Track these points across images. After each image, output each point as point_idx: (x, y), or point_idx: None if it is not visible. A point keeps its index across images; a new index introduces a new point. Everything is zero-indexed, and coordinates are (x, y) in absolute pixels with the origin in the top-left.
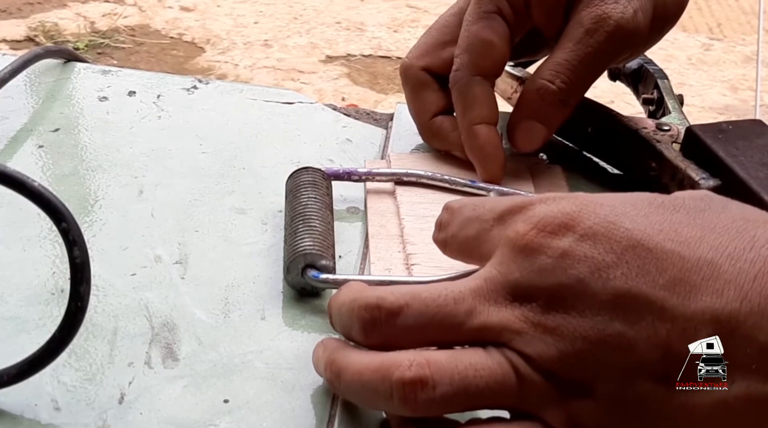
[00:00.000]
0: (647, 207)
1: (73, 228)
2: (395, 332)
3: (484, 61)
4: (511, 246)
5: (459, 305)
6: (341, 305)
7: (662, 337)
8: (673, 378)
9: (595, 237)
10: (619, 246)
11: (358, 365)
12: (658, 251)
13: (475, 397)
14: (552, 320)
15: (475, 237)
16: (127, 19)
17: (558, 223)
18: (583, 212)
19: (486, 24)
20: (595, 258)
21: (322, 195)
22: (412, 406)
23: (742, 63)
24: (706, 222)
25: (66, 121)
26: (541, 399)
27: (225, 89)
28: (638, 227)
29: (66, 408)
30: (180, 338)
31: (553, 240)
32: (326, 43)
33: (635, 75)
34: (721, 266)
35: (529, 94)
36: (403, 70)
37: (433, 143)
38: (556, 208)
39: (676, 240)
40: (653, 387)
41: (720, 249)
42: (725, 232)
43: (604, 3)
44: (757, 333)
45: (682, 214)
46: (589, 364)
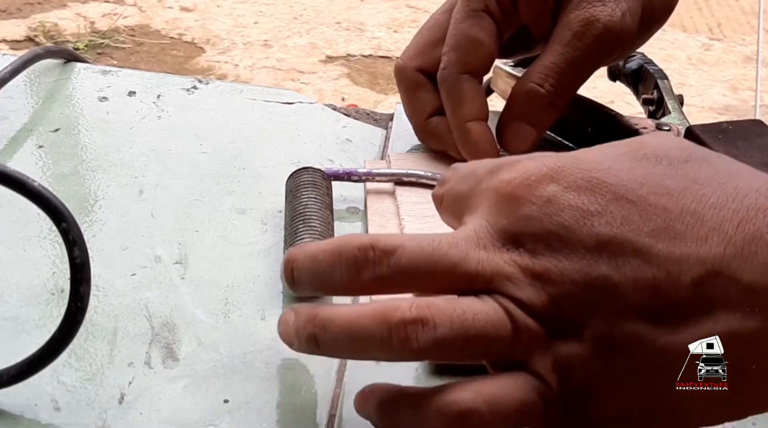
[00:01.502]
0: (630, 161)
1: (73, 228)
2: (388, 272)
3: (471, 59)
4: (497, 194)
5: (452, 249)
6: (318, 252)
7: (648, 280)
8: (660, 319)
9: (579, 189)
10: (603, 199)
11: (350, 313)
12: (641, 203)
13: (472, 342)
14: (540, 264)
15: (468, 191)
16: (127, 19)
17: (543, 174)
18: (566, 166)
19: (473, 22)
20: (580, 207)
21: (322, 195)
22: (413, 347)
23: (742, 63)
24: (688, 174)
25: (66, 121)
26: (531, 345)
27: (225, 89)
28: (621, 182)
29: (66, 408)
30: (180, 338)
31: (537, 189)
32: (326, 43)
33: (635, 75)
34: (705, 215)
35: (518, 96)
36: (397, 71)
37: (430, 144)
38: (542, 162)
39: (660, 192)
40: (640, 327)
41: (703, 200)
42: (708, 184)
43: (592, 5)
44: (741, 273)
45: (664, 166)
46: (577, 306)
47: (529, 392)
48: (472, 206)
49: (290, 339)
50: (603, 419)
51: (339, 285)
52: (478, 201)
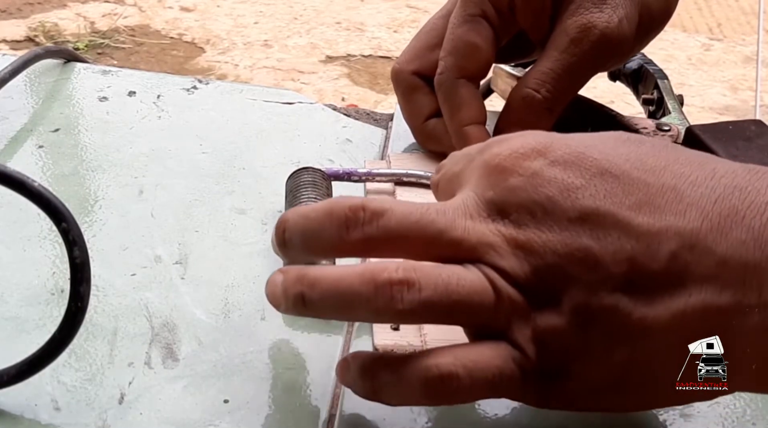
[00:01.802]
0: (614, 141)
1: (73, 228)
2: (377, 233)
3: (468, 64)
4: (486, 166)
5: (440, 216)
6: (310, 211)
7: (627, 252)
8: (637, 291)
9: (565, 163)
10: (587, 173)
11: (338, 272)
12: (624, 177)
13: (455, 307)
14: (523, 234)
15: (461, 170)
16: (127, 19)
17: (530, 148)
18: (554, 143)
19: (470, 27)
20: (565, 180)
21: (322, 195)
22: (397, 307)
23: (742, 63)
24: (670, 155)
25: (66, 121)
26: (512, 315)
27: (225, 89)
28: (606, 157)
29: (66, 409)
30: (180, 338)
31: (524, 162)
32: (326, 44)
33: (635, 75)
34: (684, 191)
35: (515, 102)
36: (393, 74)
37: (428, 146)
38: (531, 138)
39: (642, 168)
40: (617, 299)
41: (683, 178)
42: (687, 163)
43: (589, 12)
44: (716, 247)
45: (647, 147)
46: (557, 276)
47: (507, 360)
48: (463, 182)
49: (277, 301)
50: (578, 389)
51: (328, 244)
52: (469, 176)
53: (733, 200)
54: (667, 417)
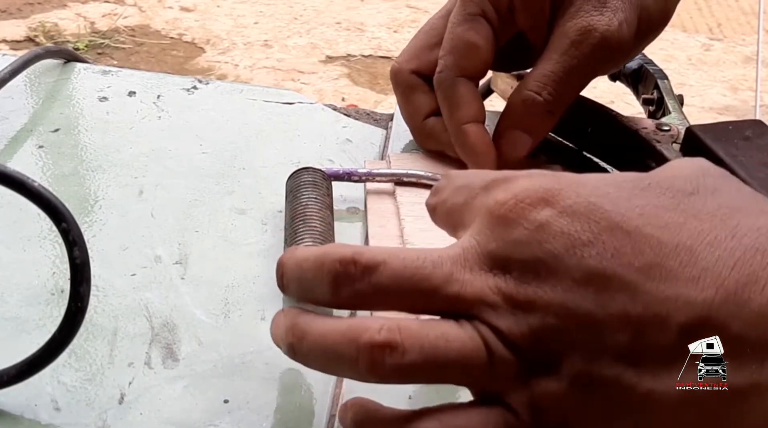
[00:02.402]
0: (631, 189)
1: (73, 228)
2: (368, 290)
3: (468, 63)
4: (490, 215)
5: (437, 269)
6: (303, 260)
7: (633, 320)
8: (642, 364)
9: (573, 215)
10: (597, 227)
11: (324, 328)
12: (636, 234)
13: (444, 369)
14: (524, 293)
15: (462, 205)
16: (127, 19)
17: (538, 197)
18: (564, 190)
19: (470, 26)
20: (572, 235)
21: (322, 195)
22: (379, 372)
23: (742, 63)
24: (690, 208)
25: (66, 122)
26: (508, 378)
27: (225, 89)
28: (618, 209)
29: (66, 409)
30: (180, 338)
31: (531, 213)
32: (326, 44)
33: (635, 75)
34: (700, 253)
35: (515, 105)
36: (392, 74)
37: (427, 145)
38: (538, 183)
39: (656, 224)
40: (620, 370)
41: (701, 237)
42: (708, 219)
43: (589, 14)
44: (731, 322)
45: (667, 198)
46: (557, 341)
47: (499, 426)
48: (464, 222)
49: (277, 343)
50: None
51: (321, 299)
52: (471, 217)
53: (753, 265)
54: None
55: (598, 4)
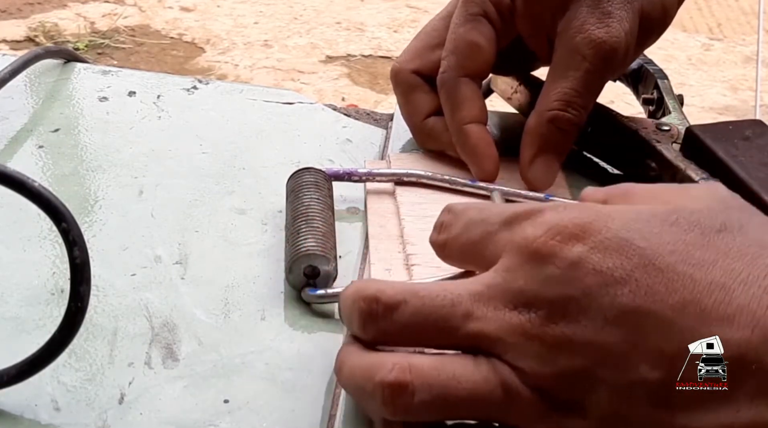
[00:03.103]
0: (660, 224)
1: (73, 228)
2: (391, 327)
3: (470, 63)
4: (519, 251)
5: (456, 308)
6: (346, 297)
7: (666, 359)
8: (674, 404)
9: (605, 251)
10: (629, 264)
11: (353, 362)
12: (669, 272)
13: (455, 408)
14: (551, 333)
15: (479, 240)
16: (127, 19)
17: (569, 233)
18: (594, 224)
19: (472, 26)
20: (604, 272)
21: (324, 196)
22: (392, 410)
23: (742, 63)
24: (720, 246)
25: (66, 122)
26: (530, 417)
27: (225, 89)
28: (650, 246)
29: (66, 409)
30: (180, 338)
31: (563, 249)
32: (326, 44)
33: (635, 75)
34: (734, 291)
35: (540, 127)
36: (393, 73)
37: (427, 144)
38: (567, 217)
39: (689, 262)
40: (651, 411)
41: (734, 275)
42: (740, 258)
43: (596, 27)
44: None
45: (696, 235)
46: (585, 382)
47: None
48: (486, 257)
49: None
50: None
51: (357, 334)
52: (493, 253)
53: None
54: None
55: (603, 15)
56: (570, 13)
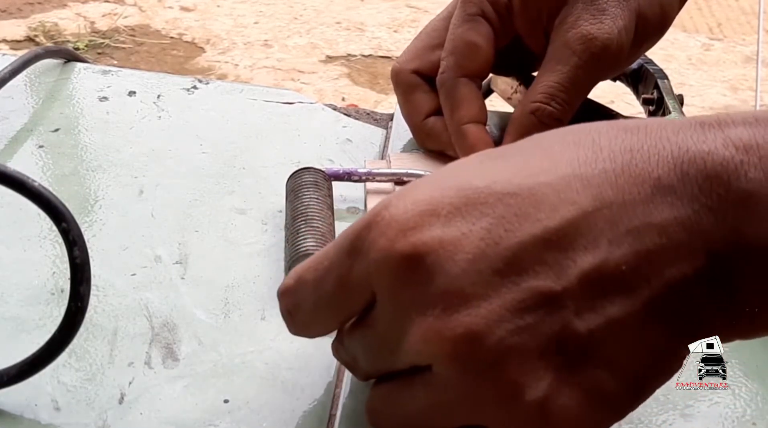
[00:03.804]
0: (487, 160)
1: (73, 228)
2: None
3: (469, 63)
4: (386, 271)
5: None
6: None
7: (578, 268)
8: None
9: (460, 215)
10: (487, 208)
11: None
12: (524, 191)
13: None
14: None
15: (334, 290)
16: (127, 19)
17: (414, 223)
18: (434, 197)
19: (470, 26)
20: (472, 233)
21: (324, 195)
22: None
23: (743, 63)
24: (542, 151)
25: (66, 121)
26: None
27: (225, 89)
28: (493, 179)
29: (66, 409)
30: (180, 338)
31: (421, 248)
32: (326, 43)
33: (635, 75)
34: (586, 174)
35: (523, 118)
36: (393, 74)
37: (427, 144)
38: (405, 208)
39: (533, 173)
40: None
41: (574, 163)
42: (565, 150)
43: (588, 23)
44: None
45: (517, 157)
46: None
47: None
48: (357, 300)
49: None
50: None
51: None
52: (361, 291)
53: (632, 162)
54: (667, 417)
55: (597, 12)
56: (566, 9)
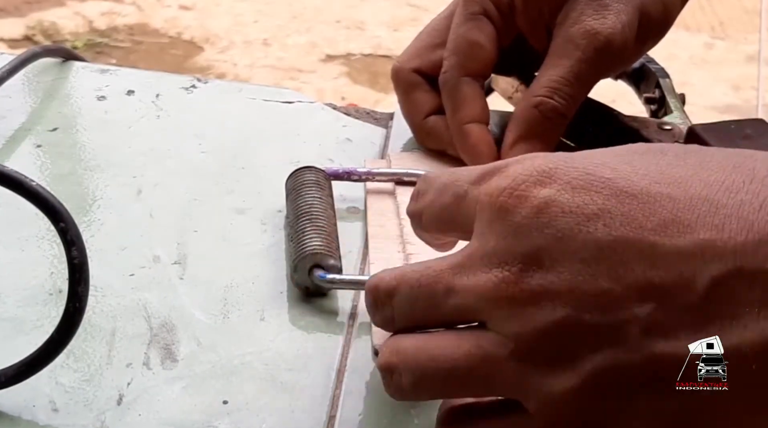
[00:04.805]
0: (630, 154)
1: (71, 228)
2: (390, 314)
3: (471, 62)
4: (486, 210)
5: (437, 285)
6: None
7: (655, 288)
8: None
9: (573, 190)
10: (600, 197)
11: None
12: (643, 196)
13: (442, 386)
14: (527, 288)
15: (451, 203)
16: (126, 17)
17: (533, 180)
18: (560, 167)
19: (473, 25)
20: (573, 211)
21: (325, 195)
22: (391, 391)
23: (745, 62)
24: (696, 161)
25: (64, 121)
26: (519, 384)
27: (224, 88)
28: (620, 175)
29: (64, 410)
30: (179, 339)
31: (528, 197)
32: (326, 42)
33: (637, 74)
34: (719, 201)
35: (526, 112)
36: (394, 72)
37: (427, 143)
38: (532, 166)
39: (664, 181)
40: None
41: (715, 185)
42: (720, 169)
43: (592, 18)
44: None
45: (669, 157)
46: (571, 333)
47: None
48: (461, 222)
49: None
50: None
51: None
52: (465, 215)
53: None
54: None
55: (600, 8)
56: (568, 5)
